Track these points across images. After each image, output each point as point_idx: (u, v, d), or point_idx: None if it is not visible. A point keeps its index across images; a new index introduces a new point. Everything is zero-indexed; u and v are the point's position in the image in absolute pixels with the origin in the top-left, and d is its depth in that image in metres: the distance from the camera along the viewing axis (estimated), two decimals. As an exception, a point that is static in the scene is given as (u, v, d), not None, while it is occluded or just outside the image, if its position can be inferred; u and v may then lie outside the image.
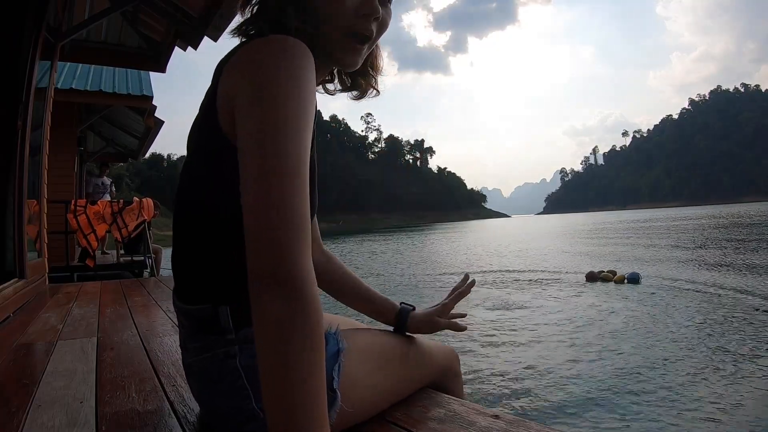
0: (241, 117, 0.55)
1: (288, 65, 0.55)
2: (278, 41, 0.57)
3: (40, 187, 3.34)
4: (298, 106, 0.54)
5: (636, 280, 7.98)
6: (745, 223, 25.63)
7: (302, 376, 0.46)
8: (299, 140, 0.53)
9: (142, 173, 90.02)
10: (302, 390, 0.46)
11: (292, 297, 0.47)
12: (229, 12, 2.98)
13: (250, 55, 0.58)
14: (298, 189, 0.51)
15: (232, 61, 0.60)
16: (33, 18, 2.80)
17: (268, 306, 0.47)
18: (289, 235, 0.49)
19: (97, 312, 2.23)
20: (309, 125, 0.56)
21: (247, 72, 0.57)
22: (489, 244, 20.36)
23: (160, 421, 0.88)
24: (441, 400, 0.87)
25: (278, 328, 0.47)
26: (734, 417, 2.87)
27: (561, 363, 4.01)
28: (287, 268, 0.48)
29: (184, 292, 0.71)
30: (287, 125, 0.52)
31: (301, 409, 0.46)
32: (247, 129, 0.54)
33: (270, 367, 0.47)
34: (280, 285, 0.47)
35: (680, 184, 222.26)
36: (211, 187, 0.65)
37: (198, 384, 0.74)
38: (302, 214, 0.51)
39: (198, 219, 0.67)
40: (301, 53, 0.57)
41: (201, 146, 0.67)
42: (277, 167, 0.51)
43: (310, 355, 0.47)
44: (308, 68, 0.57)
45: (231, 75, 0.59)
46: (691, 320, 5.24)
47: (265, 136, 0.52)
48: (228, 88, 0.59)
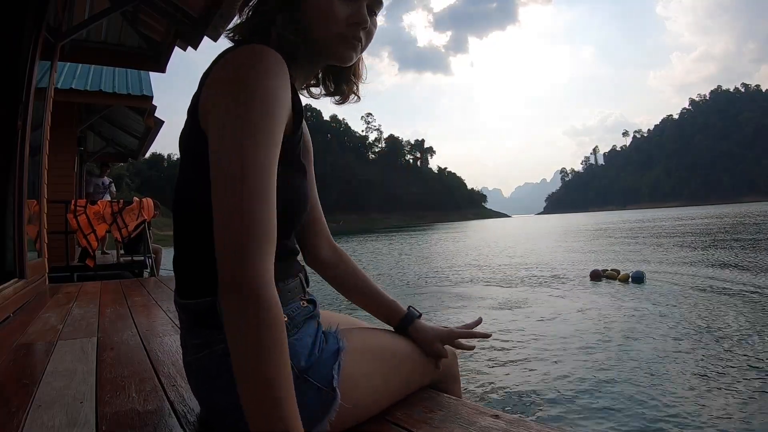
0: (209, 131, 0.59)
1: (255, 74, 0.58)
2: (249, 52, 0.60)
3: (40, 187, 3.34)
4: (264, 115, 0.57)
5: (640, 279, 7.95)
6: (749, 222, 25.61)
7: (268, 368, 0.50)
8: (263, 150, 0.56)
9: (142, 173, 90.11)
10: (270, 380, 0.50)
11: (248, 300, 0.52)
12: (229, 12, 2.98)
13: (224, 65, 0.62)
14: (260, 197, 0.55)
15: (212, 71, 0.64)
16: (33, 18, 2.80)
17: (231, 305, 0.52)
18: (249, 241, 0.53)
19: (97, 312, 2.23)
20: (275, 135, 0.58)
21: (219, 81, 0.61)
22: (495, 244, 20.35)
23: (160, 421, 0.88)
24: (441, 400, 0.87)
25: (240, 325, 0.51)
26: (737, 419, 2.87)
27: (563, 363, 4.01)
28: (245, 272, 0.52)
29: (184, 288, 0.73)
30: (251, 135, 0.56)
31: (271, 399, 0.50)
32: (214, 137, 0.58)
33: (235, 365, 0.51)
34: (238, 288, 0.52)
35: (680, 184, 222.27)
36: (201, 186, 0.67)
37: (197, 381, 0.75)
38: (264, 220, 0.54)
39: (193, 217, 0.69)
40: (272, 62, 0.60)
41: (189, 148, 0.69)
42: (240, 177, 0.54)
43: (273, 350, 0.51)
44: (278, 76, 0.60)
45: (209, 84, 0.63)
46: (697, 320, 5.20)
47: (229, 144, 0.56)
48: (206, 96, 0.63)
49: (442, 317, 6.24)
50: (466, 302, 7.21)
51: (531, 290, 7.91)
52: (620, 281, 8.09)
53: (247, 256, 0.52)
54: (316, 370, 0.70)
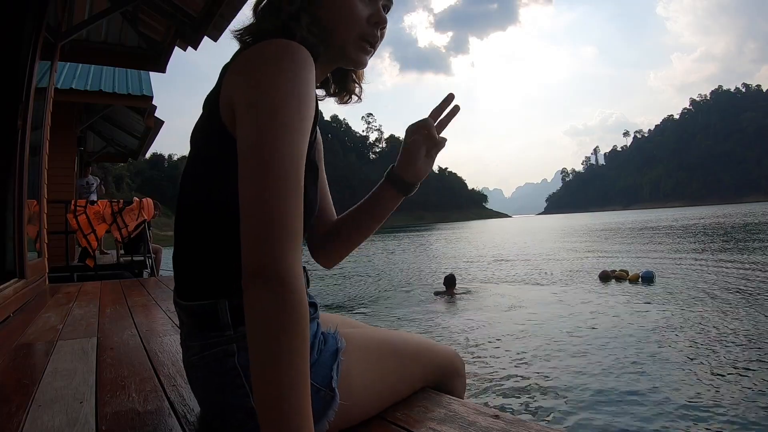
0: (241, 119, 0.58)
1: (288, 69, 0.57)
2: (281, 45, 0.59)
3: (40, 187, 3.34)
4: (295, 110, 0.56)
5: (651, 279, 7.91)
6: (753, 222, 25.46)
7: (289, 363, 0.50)
8: (294, 144, 0.55)
9: (142, 173, 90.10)
10: (288, 376, 0.50)
11: (279, 289, 0.51)
12: (229, 12, 2.97)
13: (253, 58, 0.60)
14: (290, 191, 0.54)
15: (236, 63, 0.63)
16: (33, 18, 2.80)
17: (257, 297, 0.51)
18: (280, 234, 0.52)
19: (97, 312, 2.23)
20: (305, 129, 0.58)
21: (248, 75, 0.59)
22: (496, 245, 20.32)
23: (160, 421, 0.88)
24: (441, 400, 0.87)
25: (266, 318, 0.50)
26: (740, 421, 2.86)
27: (565, 363, 4.00)
28: (276, 263, 0.51)
29: (185, 289, 0.72)
30: (283, 129, 0.55)
31: (287, 394, 0.49)
32: (245, 132, 0.56)
33: (259, 355, 0.50)
34: (269, 279, 0.51)
35: (681, 184, 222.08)
36: (213, 184, 0.67)
37: (198, 382, 0.75)
38: (294, 214, 0.54)
39: (200, 215, 0.69)
40: (302, 58, 0.59)
41: (204, 145, 0.68)
42: (272, 170, 0.53)
43: (296, 343, 0.51)
44: (308, 73, 0.59)
45: (234, 77, 0.62)
46: (709, 320, 5.14)
47: (261, 139, 0.55)
48: (230, 90, 0.61)
49: (442, 316, 6.23)
50: (468, 301, 7.21)
51: (538, 290, 7.89)
52: (630, 281, 8.06)
53: (280, 248, 0.51)
54: (315, 371, 0.70)
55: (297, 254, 0.53)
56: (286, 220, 0.53)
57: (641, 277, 8.03)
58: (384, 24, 0.72)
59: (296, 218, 0.54)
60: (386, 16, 0.73)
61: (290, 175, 0.54)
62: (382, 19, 0.71)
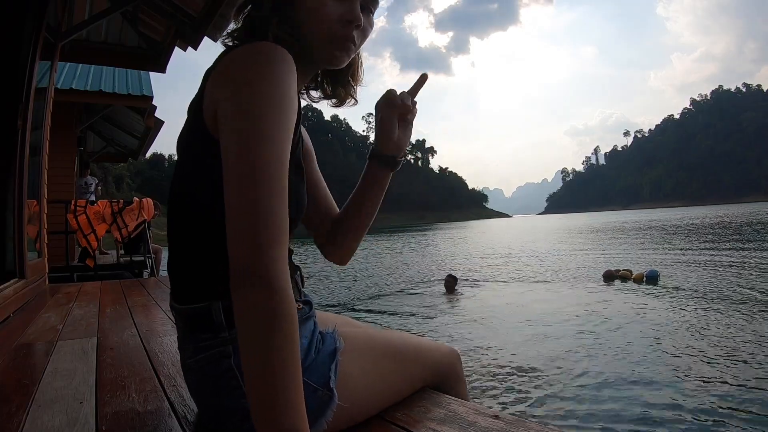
0: (223, 123, 0.59)
1: (267, 72, 0.58)
2: (259, 48, 0.60)
3: (40, 187, 3.34)
4: (276, 111, 0.57)
5: (655, 279, 7.86)
6: (759, 221, 25.38)
7: (279, 360, 0.50)
8: (276, 145, 0.56)
9: (143, 173, 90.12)
10: (280, 374, 0.50)
11: (264, 289, 0.52)
12: (229, 12, 2.97)
13: (233, 62, 0.61)
14: (274, 192, 0.55)
15: (218, 68, 0.63)
16: (33, 18, 2.80)
17: (244, 297, 0.52)
18: (265, 235, 0.53)
19: (97, 312, 2.23)
20: (287, 131, 0.58)
21: (228, 79, 0.60)
22: (497, 245, 20.27)
23: (160, 421, 0.88)
24: (441, 400, 0.87)
25: (253, 318, 0.51)
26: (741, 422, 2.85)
27: (567, 363, 3.99)
28: (262, 264, 0.52)
29: (179, 292, 0.73)
30: (265, 133, 0.56)
31: (279, 392, 0.50)
32: (228, 135, 0.57)
33: (249, 354, 0.51)
34: (254, 279, 0.52)
35: (682, 184, 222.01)
36: (200, 188, 0.67)
37: (195, 384, 0.75)
38: (277, 215, 0.55)
39: (189, 219, 0.69)
40: (281, 59, 0.60)
41: (190, 149, 0.69)
42: (254, 173, 0.54)
43: (284, 341, 0.51)
44: (287, 73, 0.60)
45: (216, 82, 0.62)
46: (714, 321, 5.12)
47: (244, 142, 0.56)
48: (213, 95, 0.62)
49: (443, 316, 6.23)
50: (469, 301, 7.21)
51: (541, 289, 7.87)
52: (635, 281, 8.02)
53: (262, 245, 0.52)
54: (313, 370, 0.70)
55: (281, 254, 0.54)
56: (268, 220, 0.54)
57: (646, 276, 7.97)
58: (357, 22, 0.69)
59: (280, 219, 0.55)
60: (360, 14, 0.70)
61: (273, 176, 0.55)
62: (356, 17, 0.69)
